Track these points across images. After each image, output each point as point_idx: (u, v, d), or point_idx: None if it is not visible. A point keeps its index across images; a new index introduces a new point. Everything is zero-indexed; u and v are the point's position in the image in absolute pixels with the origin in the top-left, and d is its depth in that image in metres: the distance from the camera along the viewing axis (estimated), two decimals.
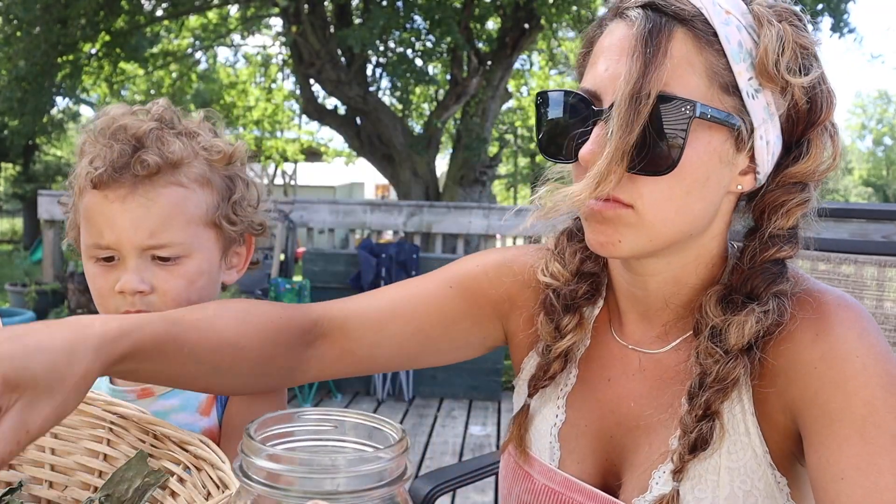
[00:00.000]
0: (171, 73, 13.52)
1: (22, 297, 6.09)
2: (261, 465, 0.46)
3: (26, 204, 15.56)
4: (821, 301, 0.76)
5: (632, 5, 0.76)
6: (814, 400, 0.73)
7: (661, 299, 0.85)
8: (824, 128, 0.78)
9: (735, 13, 0.74)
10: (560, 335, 0.90)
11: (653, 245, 0.77)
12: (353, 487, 0.45)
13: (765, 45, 0.73)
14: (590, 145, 0.73)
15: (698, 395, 0.78)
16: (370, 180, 24.95)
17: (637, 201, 0.74)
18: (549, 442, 0.91)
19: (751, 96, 0.74)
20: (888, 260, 1.29)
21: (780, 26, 0.74)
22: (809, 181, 0.78)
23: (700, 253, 0.82)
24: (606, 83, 0.75)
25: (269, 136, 19.12)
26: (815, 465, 0.71)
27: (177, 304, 0.93)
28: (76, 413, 0.81)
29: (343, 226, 5.98)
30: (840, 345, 0.73)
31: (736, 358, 0.76)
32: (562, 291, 0.90)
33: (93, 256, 0.95)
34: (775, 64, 0.73)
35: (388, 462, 0.47)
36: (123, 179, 0.91)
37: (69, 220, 1.01)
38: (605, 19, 0.80)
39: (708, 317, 0.78)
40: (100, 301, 0.96)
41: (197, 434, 0.71)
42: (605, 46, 0.77)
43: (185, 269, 0.94)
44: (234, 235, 1.01)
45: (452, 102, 9.02)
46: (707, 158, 0.74)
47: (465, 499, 3.49)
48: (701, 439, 0.77)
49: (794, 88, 0.75)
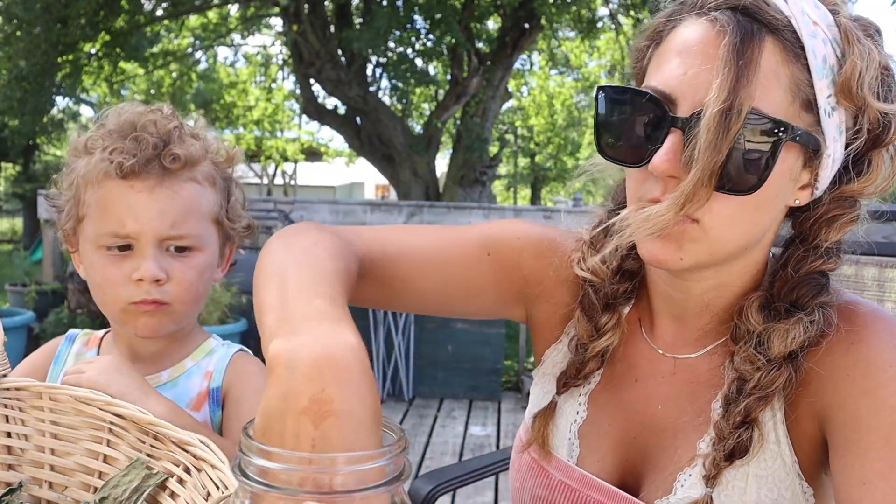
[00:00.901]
0: (171, 73, 13.52)
1: (22, 297, 6.09)
2: (258, 463, 0.46)
3: (26, 204, 15.55)
4: (856, 312, 0.76)
5: (720, 6, 0.71)
6: (842, 406, 0.72)
7: (701, 303, 0.83)
8: (889, 149, 0.76)
9: (822, 25, 0.71)
10: (598, 334, 0.88)
11: (713, 259, 0.75)
12: (351, 487, 0.45)
13: (852, 63, 0.70)
14: (665, 155, 0.70)
15: (737, 401, 0.76)
16: (370, 180, 24.96)
17: (705, 216, 0.71)
18: (569, 439, 0.90)
19: (827, 114, 0.71)
20: (888, 260, 1.29)
21: (866, 43, 0.71)
22: (863, 198, 0.78)
23: (748, 262, 0.80)
24: (685, 88, 0.71)
25: (269, 136, 19.12)
26: (840, 471, 0.71)
27: (188, 294, 0.98)
28: (76, 413, 0.82)
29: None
30: (873, 354, 0.72)
31: (780, 367, 0.75)
32: (602, 289, 0.88)
33: (104, 245, 0.96)
34: (859, 84, 0.70)
35: (387, 461, 0.47)
36: (152, 171, 0.95)
37: (65, 213, 1.01)
38: (680, 12, 0.76)
39: (749, 323, 0.77)
40: (109, 290, 0.97)
41: (197, 435, 0.71)
42: (682, 45, 0.73)
43: (197, 260, 0.99)
44: (231, 234, 1.06)
45: (452, 102, 9.02)
46: (781, 177, 0.72)
47: (466, 499, 3.49)
48: (740, 447, 0.76)
49: (871, 110, 0.72)
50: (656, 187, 0.73)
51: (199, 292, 1.00)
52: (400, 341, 5.04)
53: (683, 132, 0.70)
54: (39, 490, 0.83)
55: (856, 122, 0.73)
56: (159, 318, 0.97)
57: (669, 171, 0.70)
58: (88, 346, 1.09)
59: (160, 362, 1.04)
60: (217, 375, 1.02)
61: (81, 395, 0.81)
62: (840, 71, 0.71)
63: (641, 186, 0.75)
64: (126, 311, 0.97)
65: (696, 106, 0.69)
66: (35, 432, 0.84)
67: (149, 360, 1.04)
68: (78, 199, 0.99)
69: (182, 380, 1.02)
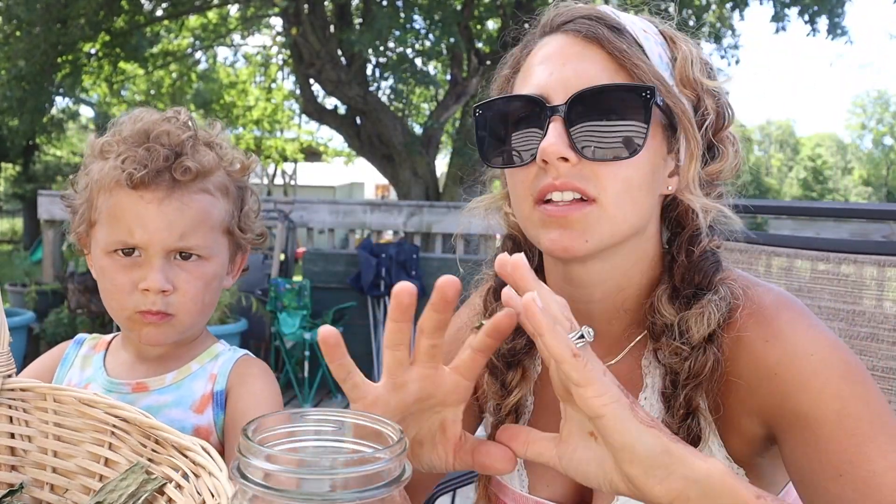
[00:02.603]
0: (171, 73, 13.52)
1: (22, 297, 6.09)
2: (257, 465, 0.46)
3: (26, 204, 15.55)
4: (761, 302, 0.80)
5: (566, 21, 0.83)
6: (783, 405, 0.76)
7: (608, 309, 0.87)
8: (728, 135, 0.87)
9: (650, 32, 0.83)
10: (506, 392, 0.92)
11: (613, 238, 0.80)
12: (351, 488, 0.45)
13: (682, 56, 0.82)
14: (552, 139, 0.77)
15: (675, 394, 0.80)
16: (370, 180, 24.95)
17: (601, 194, 0.77)
18: (518, 469, 0.93)
19: (674, 103, 0.81)
20: (888, 260, 1.29)
21: (688, 42, 0.85)
22: (722, 179, 0.87)
23: (639, 256, 0.85)
24: (555, 84, 0.79)
25: (268, 136, 19.12)
26: (806, 468, 0.74)
27: (194, 304, 0.99)
28: (78, 416, 0.82)
29: (343, 226, 5.99)
30: (793, 346, 0.76)
31: (704, 350, 0.78)
32: (501, 350, 0.92)
33: (113, 252, 0.98)
34: (692, 70, 0.82)
35: (387, 463, 0.47)
36: (162, 182, 0.96)
37: (78, 215, 1.02)
38: (532, 41, 0.87)
39: (664, 316, 0.81)
40: (116, 296, 0.98)
41: (198, 440, 0.71)
42: (543, 57, 0.83)
43: (204, 271, 0.99)
44: (243, 243, 1.06)
45: (452, 102, 9.02)
46: (654, 153, 0.80)
47: (466, 499, 3.48)
48: (692, 437, 0.79)
49: (706, 96, 0.83)
50: (547, 177, 0.79)
51: (206, 302, 1.01)
52: None
53: (563, 118, 0.77)
54: (40, 492, 0.83)
55: (697, 111, 0.83)
56: (164, 329, 0.99)
57: (559, 153, 0.76)
58: (96, 350, 1.10)
59: (166, 364, 1.04)
60: (221, 379, 1.03)
61: (85, 398, 0.81)
62: (675, 64, 0.83)
63: (532, 182, 0.80)
64: (132, 319, 0.98)
65: (570, 94, 0.78)
66: (38, 434, 0.84)
67: (155, 362, 1.05)
68: (91, 203, 1.00)
69: (186, 382, 1.03)
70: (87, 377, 1.07)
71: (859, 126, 44.10)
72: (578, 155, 0.77)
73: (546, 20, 0.86)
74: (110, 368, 1.06)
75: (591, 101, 0.77)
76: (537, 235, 0.81)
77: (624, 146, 0.77)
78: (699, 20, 8.16)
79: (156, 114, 1.02)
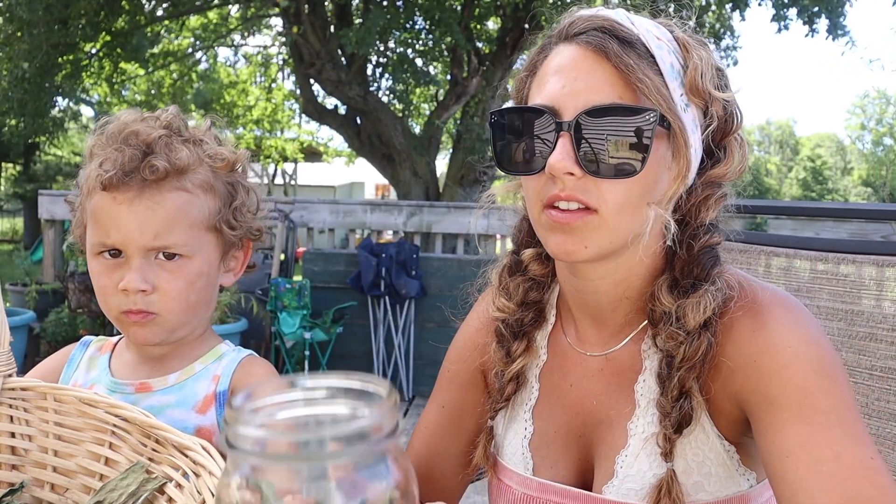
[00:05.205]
0: (171, 73, 13.53)
1: (22, 296, 6.09)
2: (245, 433, 0.45)
3: (27, 204, 15.56)
4: (756, 297, 0.85)
5: (582, 31, 0.85)
6: (755, 389, 0.82)
7: (613, 299, 0.93)
8: (735, 137, 0.91)
9: (664, 40, 0.86)
10: (510, 359, 1.00)
11: (612, 246, 0.85)
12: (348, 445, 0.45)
13: (693, 65, 0.85)
14: (559, 155, 0.82)
15: (670, 376, 0.85)
16: (370, 180, 24.95)
17: (602, 206, 0.83)
18: (522, 453, 0.99)
19: (683, 110, 0.84)
20: (887, 260, 1.29)
21: (701, 50, 0.87)
22: (726, 181, 0.91)
23: (644, 252, 0.89)
24: (566, 98, 0.83)
25: (268, 136, 19.12)
26: (763, 446, 0.80)
27: (176, 303, 0.98)
28: (79, 415, 0.82)
29: (343, 226, 5.98)
30: (774, 337, 0.82)
31: (699, 336, 0.84)
32: (509, 321, 1.00)
33: (98, 254, 0.99)
34: (703, 81, 0.85)
35: (380, 418, 0.46)
36: (132, 183, 0.96)
37: (75, 219, 1.04)
38: (549, 45, 0.90)
39: (663, 304, 0.87)
40: (103, 298, 1.00)
41: (199, 439, 0.71)
42: (557, 67, 0.86)
43: (186, 270, 0.99)
44: (233, 240, 1.05)
45: (452, 102, 9.02)
46: (658, 164, 0.84)
47: (465, 499, 3.48)
48: (685, 417, 0.85)
49: (715, 103, 0.87)
50: (555, 187, 0.84)
51: (191, 301, 1.00)
52: (400, 341, 5.05)
53: (571, 134, 0.82)
54: (41, 491, 0.84)
55: (706, 116, 0.88)
56: (150, 328, 0.99)
57: (566, 168, 0.82)
58: (102, 352, 1.11)
59: (169, 365, 1.05)
60: (224, 379, 1.03)
61: (86, 397, 0.82)
62: (686, 73, 0.86)
63: (542, 189, 0.86)
64: (119, 319, 1.00)
65: (578, 110, 0.82)
66: (39, 433, 0.84)
67: (158, 363, 1.05)
68: (82, 205, 1.01)
69: (189, 382, 1.03)
70: (92, 378, 1.07)
71: (859, 126, 44.10)
72: (583, 170, 0.82)
73: (562, 27, 0.89)
74: (115, 369, 1.07)
75: (596, 120, 0.82)
76: (544, 237, 0.88)
77: (625, 164, 0.82)
78: (699, 20, 8.15)
79: (134, 113, 1.02)
